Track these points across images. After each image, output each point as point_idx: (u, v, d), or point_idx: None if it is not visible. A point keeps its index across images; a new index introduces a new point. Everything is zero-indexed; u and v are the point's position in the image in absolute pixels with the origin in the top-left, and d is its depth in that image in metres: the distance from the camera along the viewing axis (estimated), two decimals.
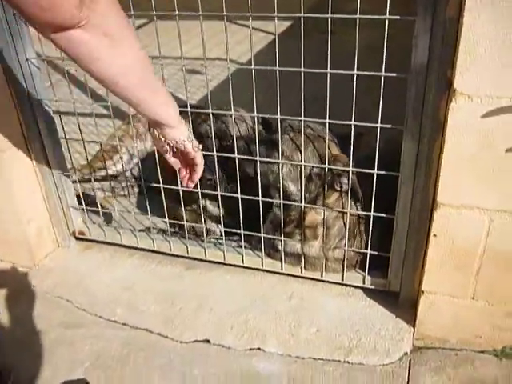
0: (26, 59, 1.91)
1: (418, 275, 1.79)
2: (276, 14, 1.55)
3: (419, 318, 1.79)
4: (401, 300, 1.91)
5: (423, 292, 1.74)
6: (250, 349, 1.84)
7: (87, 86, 1.91)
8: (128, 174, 2.59)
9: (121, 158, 2.47)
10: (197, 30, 1.62)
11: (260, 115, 1.80)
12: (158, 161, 1.94)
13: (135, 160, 2.51)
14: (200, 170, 1.53)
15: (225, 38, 1.58)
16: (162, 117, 1.32)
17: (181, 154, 1.49)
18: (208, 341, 1.88)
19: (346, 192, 1.81)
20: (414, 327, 1.83)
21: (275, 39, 1.47)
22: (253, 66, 1.66)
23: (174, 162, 1.52)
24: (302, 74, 1.60)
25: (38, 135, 2.08)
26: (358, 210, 1.89)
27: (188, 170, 1.56)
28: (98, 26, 1.01)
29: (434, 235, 1.63)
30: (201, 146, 1.50)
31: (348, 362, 1.77)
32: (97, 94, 2.70)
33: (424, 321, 1.79)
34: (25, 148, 2.11)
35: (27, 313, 2.04)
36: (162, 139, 1.40)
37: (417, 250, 1.76)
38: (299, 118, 1.72)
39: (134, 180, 2.56)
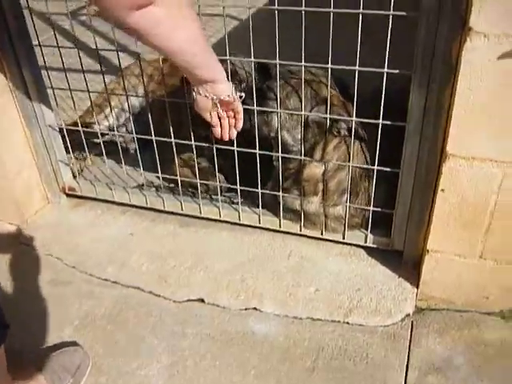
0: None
1: (423, 233, 1.70)
2: None
3: (423, 278, 1.71)
4: (404, 259, 1.82)
5: (428, 251, 1.65)
6: (246, 309, 1.77)
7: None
8: (124, 129, 2.48)
9: (111, 110, 2.35)
10: None
11: (257, 60, 1.66)
12: (150, 115, 1.85)
13: (127, 114, 2.39)
14: (242, 118, 1.63)
15: None
16: (218, 74, 1.44)
17: (224, 107, 1.56)
18: (202, 300, 1.80)
19: (346, 137, 1.69)
20: (417, 288, 1.75)
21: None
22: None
23: (216, 121, 1.60)
24: (303, 12, 1.48)
25: (23, 84, 1.96)
26: (365, 161, 1.77)
27: (228, 122, 1.63)
28: (166, 3, 1.13)
29: (442, 190, 1.52)
30: (243, 95, 1.58)
31: (348, 323, 1.70)
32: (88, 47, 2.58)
33: (428, 281, 1.71)
34: (10, 98, 1.99)
35: (15, 270, 1.97)
36: (210, 96, 1.48)
37: (423, 206, 1.66)
38: (300, 64, 1.59)
39: (128, 135, 2.44)
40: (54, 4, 1.80)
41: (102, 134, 2.19)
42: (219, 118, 1.61)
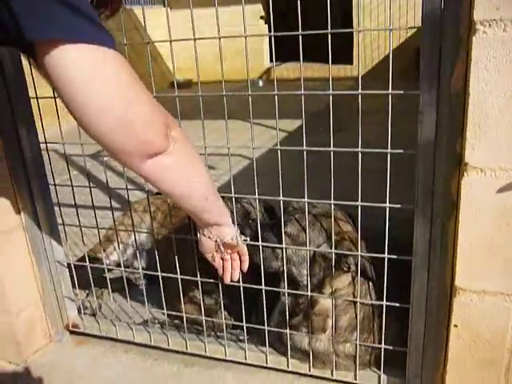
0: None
1: (441, 373, 1.59)
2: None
3: None
4: None
5: None
6: None
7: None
8: (132, 265, 2.49)
9: (114, 248, 2.38)
10: (212, 126, 1.62)
11: (262, 197, 1.71)
12: (156, 252, 1.87)
13: (132, 249, 2.41)
14: (247, 258, 1.66)
15: (239, 135, 1.59)
16: (223, 218, 1.49)
17: (227, 249, 1.60)
18: None
19: (357, 274, 1.66)
20: None
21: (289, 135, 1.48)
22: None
23: (218, 262, 1.63)
24: (305, 152, 1.55)
25: (36, 220, 2.01)
26: (376, 298, 1.73)
27: (232, 264, 1.66)
28: (177, 152, 1.20)
29: (455, 325, 1.46)
30: (248, 239, 1.65)
31: None
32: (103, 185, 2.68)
33: None
34: (22, 234, 2.03)
35: None
36: (214, 238, 1.52)
37: (437, 344, 1.58)
38: (303, 200, 1.63)
39: (134, 271, 2.44)
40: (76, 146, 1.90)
41: (109, 270, 2.19)
42: (223, 260, 1.64)
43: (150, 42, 1.61)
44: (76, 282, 2.13)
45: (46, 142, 1.91)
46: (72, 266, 2.10)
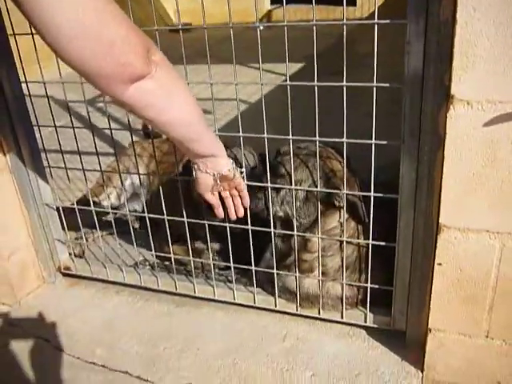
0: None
1: (426, 311, 1.58)
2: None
3: (427, 360, 1.58)
4: (408, 340, 1.70)
5: (430, 330, 1.54)
6: None
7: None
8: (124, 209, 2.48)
9: (108, 195, 2.37)
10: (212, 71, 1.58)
11: (246, 135, 1.66)
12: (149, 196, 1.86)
13: (128, 194, 2.40)
14: (246, 194, 1.62)
15: (237, 78, 1.55)
16: (216, 149, 1.44)
17: (225, 184, 1.55)
18: None
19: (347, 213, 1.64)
20: (422, 372, 1.62)
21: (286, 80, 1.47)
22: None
23: (217, 201, 1.59)
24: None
25: (22, 163, 1.99)
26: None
27: (233, 201, 1.63)
28: (160, 76, 1.16)
29: (439, 264, 1.44)
30: (244, 171, 1.60)
31: None
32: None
33: (433, 364, 1.58)
34: (8, 177, 2.01)
35: (2, 352, 1.89)
36: (211, 172, 1.48)
37: (422, 282, 1.57)
38: (288, 137, 1.59)
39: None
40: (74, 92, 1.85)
41: (101, 213, 2.19)
42: (221, 199, 1.60)
43: None
44: (66, 226, 2.12)
45: (26, 82, 1.86)
46: (61, 209, 2.09)
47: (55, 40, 0.99)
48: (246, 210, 1.67)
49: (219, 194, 1.60)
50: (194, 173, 1.51)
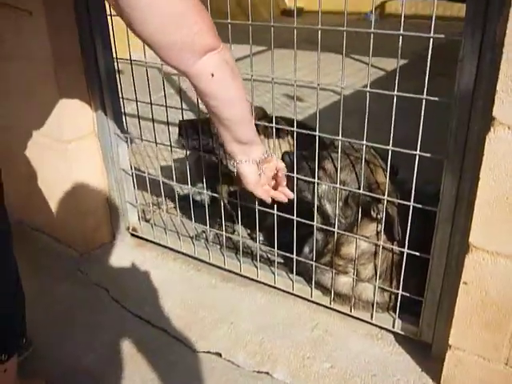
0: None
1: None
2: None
3: (444, 375, 1.59)
4: (433, 353, 1.71)
5: (450, 346, 1.54)
6: (259, 371, 1.75)
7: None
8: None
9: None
10: (313, 59, 1.61)
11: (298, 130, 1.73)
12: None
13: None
14: (285, 171, 1.64)
15: (333, 70, 1.55)
16: (255, 134, 1.47)
17: (267, 171, 1.58)
18: (219, 354, 1.83)
19: (383, 223, 1.67)
20: None
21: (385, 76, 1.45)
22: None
23: (267, 194, 1.62)
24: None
25: (107, 128, 2.20)
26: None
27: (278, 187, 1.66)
28: (225, 52, 1.24)
29: (464, 283, 1.44)
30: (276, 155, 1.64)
31: None
32: None
33: (450, 380, 1.58)
34: (95, 141, 2.25)
35: (65, 296, 2.14)
36: (253, 161, 1.50)
37: (452, 298, 1.56)
38: (337, 138, 1.64)
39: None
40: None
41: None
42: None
43: None
44: (136, 191, 2.33)
45: (117, 59, 2.06)
46: (134, 175, 2.29)
47: (128, 10, 1.06)
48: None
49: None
50: (237, 169, 1.52)
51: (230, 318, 1.97)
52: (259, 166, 1.53)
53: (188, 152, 2.17)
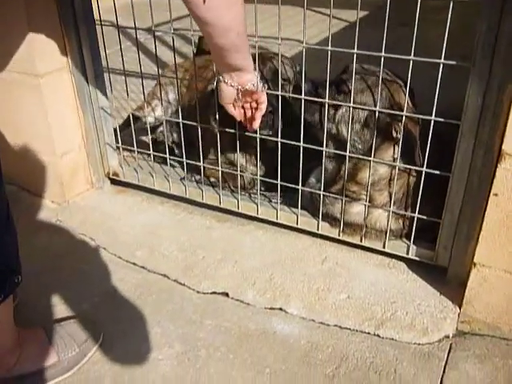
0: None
1: (472, 248, 1.53)
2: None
3: (467, 295, 1.54)
4: (449, 276, 1.66)
5: (475, 264, 1.49)
6: (271, 308, 1.66)
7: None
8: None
9: (159, 100, 2.36)
10: (273, 11, 1.61)
11: (309, 45, 1.61)
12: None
13: (173, 108, 2.39)
14: (264, 107, 1.63)
15: (297, 21, 1.54)
16: (248, 62, 1.45)
17: (246, 97, 1.57)
18: (227, 294, 1.72)
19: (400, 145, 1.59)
20: (460, 308, 1.59)
21: (348, 26, 1.41)
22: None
23: (238, 112, 1.63)
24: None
25: (82, 64, 2.00)
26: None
27: (250, 113, 1.65)
28: None
29: (495, 194, 1.39)
30: (266, 87, 1.62)
31: (378, 336, 1.55)
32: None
33: (473, 300, 1.54)
34: (68, 77, 2.03)
35: (48, 246, 1.96)
36: (235, 85, 1.49)
37: (473, 216, 1.52)
38: (351, 51, 1.53)
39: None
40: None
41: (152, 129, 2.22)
42: (244, 110, 1.63)
43: None
44: (119, 133, 2.15)
45: None
46: (117, 125, 2.11)
47: None
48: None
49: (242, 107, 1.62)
50: (218, 85, 1.53)
51: (232, 256, 1.85)
52: (238, 92, 1.52)
53: None
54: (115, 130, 2.15)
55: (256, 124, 1.66)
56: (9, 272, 1.27)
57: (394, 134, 1.59)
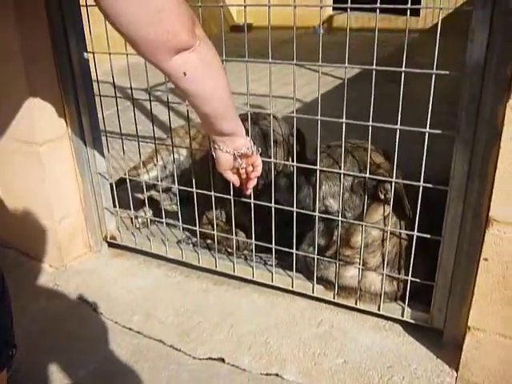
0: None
1: (466, 309, 1.55)
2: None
3: (463, 359, 1.54)
4: (445, 339, 1.66)
5: (469, 328, 1.50)
6: (267, 374, 1.65)
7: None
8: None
9: (154, 165, 2.43)
10: (267, 70, 1.64)
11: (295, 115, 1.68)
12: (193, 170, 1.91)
13: (169, 169, 2.45)
14: (260, 169, 1.63)
15: (291, 80, 1.61)
16: (238, 127, 1.47)
17: (243, 162, 1.57)
18: (222, 359, 1.71)
19: (390, 204, 1.63)
20: (457, 371, 1.58)
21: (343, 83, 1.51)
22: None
23: (236, 178, 1.63)
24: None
25: (81, 131, 2.06)
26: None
27: (249, 174, 1.64)
28: (201, 49, 1.21)
29: (485, 259, 1.41)
30: (260, 150, 1.62)
31: None
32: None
33: (469, 364, 1.54)
34: (68, 144, 2.09)
35: (45, 311, 1.96)
36: (231, 151, 1.50)
37: (466, 279, 1.54)
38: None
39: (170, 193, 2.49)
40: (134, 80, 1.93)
41: (147, 188, 2.25)
42: (239, 176, 1.64)
43: None
44: (116, 200, 2.19)
45: (93, 52, 1.93)
46: (113, 183, 2.16)
47: (108, 2, 1.03)
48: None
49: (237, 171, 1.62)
50: (214, 153, 1.53)
51: (228, 320, 1.85)
52: (236, 158, 1.53)
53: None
54: (112, 190, 2.18)
55: (252, 185, 1.65)
56: (2, 344, 1.27)
57: (382, 196, 1.63)
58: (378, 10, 1.44)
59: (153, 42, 1.11)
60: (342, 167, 1.65)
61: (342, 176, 1.66)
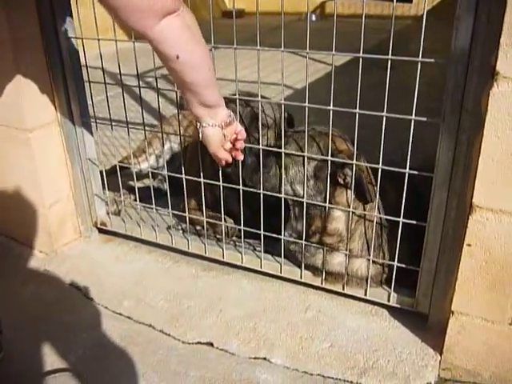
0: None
1: (451, 294, 1.57)
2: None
3: (447, 343, 1.57)
4: (429, 323, 1.69)
5: (453, 312, 1.53)
6: (255, 357, 1.68)
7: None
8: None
9: (147, 157, 2.44)
10: (261, 56, 1.63)
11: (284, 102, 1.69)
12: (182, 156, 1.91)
13: (161, 161, 2.46)
14: (244, 133, 1.62)
15: (286, 65, 1.61)
16: (220, 98, 1.48)
17: (228, 133, 1.57)
18: (211, 344, 1.73)
19: (352, 188, 1.66)
20: (441, 355, 1.61)
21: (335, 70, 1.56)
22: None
23: (227, 154, 1.61)
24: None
25: (71, 117, 2.06)
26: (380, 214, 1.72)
27: (236, 145, 1.63)
28: (185, 15, 1.24)
29: (468, 245, 1.43)
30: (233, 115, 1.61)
31: None
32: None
33: (452, 347, 1.57)
34: (57, 130, 2.09)
35: (35, 296, 1.98)
36: (219, 123, 1.51)
37: (450, 264, 1.56)
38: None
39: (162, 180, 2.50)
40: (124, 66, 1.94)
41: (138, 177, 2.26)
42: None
43: None
44: (106, 184, 2.19)
45: (82, 38, 1.92)
46: (104, 170, 2.16)
47: None
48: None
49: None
50: (201, 132, 1.52)
51: (217, 306, 1.88)
52: (223, 129, 1.54)
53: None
54: (102, 176, 2.19)
55: (241, 154, 1.65)
56: None
57: (341, 181, 1.66)
58: None
59: (138, 6, 1.13)
60: (306, 151, 1.67)
61: (305, 159, 1.69)
